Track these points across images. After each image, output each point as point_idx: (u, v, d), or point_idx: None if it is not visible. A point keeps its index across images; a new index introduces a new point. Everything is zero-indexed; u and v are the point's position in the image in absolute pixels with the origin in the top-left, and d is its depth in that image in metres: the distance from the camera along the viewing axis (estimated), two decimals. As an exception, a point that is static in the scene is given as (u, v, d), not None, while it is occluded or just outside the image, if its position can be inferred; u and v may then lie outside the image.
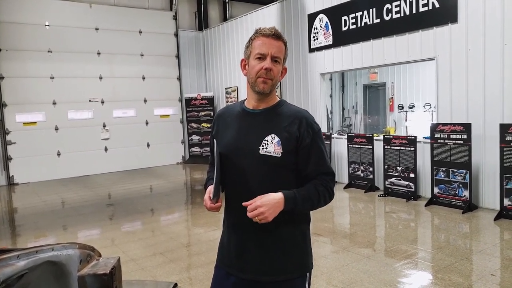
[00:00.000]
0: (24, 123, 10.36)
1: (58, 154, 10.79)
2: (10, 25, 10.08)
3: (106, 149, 11.51)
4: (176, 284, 3.91)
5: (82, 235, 5.87)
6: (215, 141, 1.85)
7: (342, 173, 8.60)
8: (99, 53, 11.33)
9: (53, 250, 1.73)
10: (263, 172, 1.72)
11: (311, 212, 1.88)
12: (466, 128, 6.09)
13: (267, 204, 1.61)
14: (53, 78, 10.67)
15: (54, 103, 10.72)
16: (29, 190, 9.44)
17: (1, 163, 10.10)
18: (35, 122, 10.52)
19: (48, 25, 10.61)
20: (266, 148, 1.72)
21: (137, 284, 3.88)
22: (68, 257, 1.78)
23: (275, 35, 1.73)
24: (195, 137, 12.66)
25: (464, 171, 6.12)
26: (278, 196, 1.64)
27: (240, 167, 1.74)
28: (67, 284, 1.80)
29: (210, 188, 1.77)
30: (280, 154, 1.71)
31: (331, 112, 12.49)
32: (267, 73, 1.72)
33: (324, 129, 9.19)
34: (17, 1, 10.16)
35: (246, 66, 1.80)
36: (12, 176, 10.20)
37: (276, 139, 1.72)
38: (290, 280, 1.77)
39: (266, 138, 1.73)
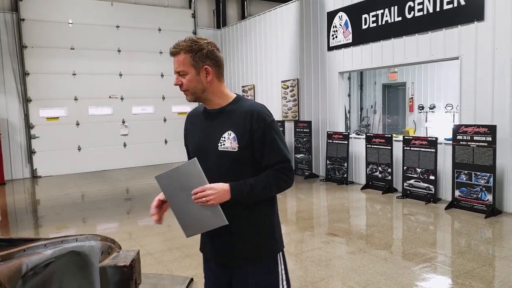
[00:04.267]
0: (47, 118, 10.61)
1: (79, 149, 11.00)
2: (35, 23, 10.34)
3: (125, 145, 11.68)
4: (192, 279, 3.95)
5: (100, 228, 5.97)
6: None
7: (359, 174, 8.51)
8: (119, 51, 11.50)
9: (77, 240, 1.77)
10: (224, 167, 1.84)
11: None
12: (491, 130, 5.92)
13: (214, 188, 1.74)
14: (75, 74, 10.89)
15: (76, 99, 10.93)
16: (51, 183, 9.66)
17: (25, 156, 10.37)
18: (58, 117, 10.76)
19: (71, 23, 10.82)
20: (224, 144, 1.84)
21: (154, 277, 3.93)
22: (90, 248, 1.82)
23: (172, 53, 1.87)
24: (213, 135, 12.71)
25: (488, 174, 5.96)
26: (225, 185, 1.77)
27: (205, 164, 1.81)
28: (89, 274, 1.83)
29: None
30: (237, 149, 1.82)
31: (349, 112, 12.38)
32: (180, 88, 1.90)
33: (341, 129, 9.11)
34: (42, 0, 10.41)
35: None
36: (36, 169, 10.46)
37: (232, 135, 1.83)
38: (261, 263, 1.89)
39: (223, 135, 1.85)
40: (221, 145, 1.84)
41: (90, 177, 10.30)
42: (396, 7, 7.53)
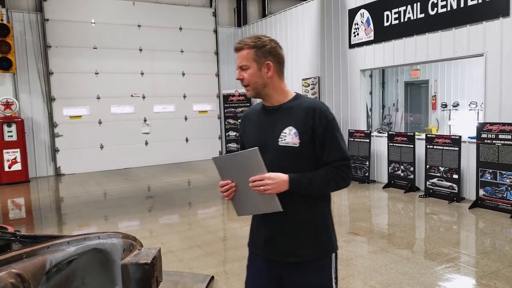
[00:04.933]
0: (71, 117, 10.83)
1: (101, 147, 11.21)
2: (59, 22, 10.56)
3: (146, 143, 11.83)
4: (213, 277, 3.98)
5: (122, 226, 6.08)
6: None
7: (381, 172, 8.40)
8: (141, 50, 11.64)
9: (99, 238, 1.80)
10: (284, 162, 1.84)
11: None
12: (516, 128, 5.78)
13: (273, 178, 1.76)
14: (97, 73, 11.08)
15: (98, 98, 11.13)
16: (74, 181, 9.87)
17: (49, 155, 10.63)
18: (81, 116, 10.97)
19: (94, 23, 11.02)
20: (285, 139, 1.85)
21: (175, 275, 3.97)
22: (112, 245, 1.85)
23: (236, 48, 1.92)
24: (232, 133, 12.77)
25: (513, 173, 5.82)
26: (284, 176, 1.79)
27: (264, 159, 1.82)
28: (111, 271, 1.86)
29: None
30: (298, 144, 1.83)
31: (371, 110, 12.22)
32: (241, 82, 1.92)
33: (363, 127, 9.01)
34: (66, 0, 10.61)
35: None
36: (59, 167, 10.70)
37: (294, 130, 1.84)
38: (314, 261, 1.88)
39: (284, 131, 1.86)
40: (281, 140, 1.85)
41: (112, 175, 10.48)
42: (419, 3, 7.38)
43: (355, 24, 8.81)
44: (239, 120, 11.37)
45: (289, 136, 1.84)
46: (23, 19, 10.20)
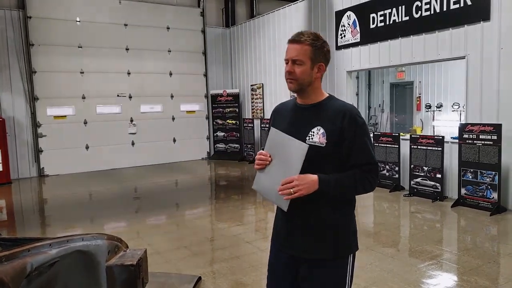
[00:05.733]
0: (55, 117, 10.66)
1: (87, 148, 11.09)
2: (42, 20, 10.37)
3: (133, 144, 11.75)
4: (200, 278, 3.98)
5: (108, 227, 6.03)
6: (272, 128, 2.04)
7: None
8: (127, 49, 11.55)
9: (83, 240, 1.80)
10: (309, 160, 1.85)
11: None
12: (497, 128, 5.92)
13: (303, 179, 1.80)
14: (82, 73, 10.95)
15: (84, 98, 11.00)
16: (59, 182, 9.75)
17: (32, 155, 10.46)
18: (65, 116, 10.81)
19: (79, 21, 10.88)
20: (312, 138, 1.88)
21: (162, 276, 3.96)
22: (97, 247, 1.85)
23: (294, 40, 1.92)
24: (220, 133, 12.77)
25: (493, 172, 5.95)
26: (314, 176, 1.82)
27: None
28: (96, 273, 1.86)
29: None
30: (325, 144, 1.86)
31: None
32: (290, 75, 1.92)
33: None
34: (50, -2, 10.47)
35: None
36: (43, 168, 10.54)
37: (322, 130, 1.88)
38: (332, 260, 1.93)
39: (312, 130, 1.90)
40: (309, 139, 1.88)
41: (98, 176, 10.38)
42: (403, 6, 7.50)
43: (341, 26, 8.89)
44: (228, 120, 11.37)
45: (317, 136, 1.87)
46: (5, 16, 9.94)
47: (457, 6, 6.59)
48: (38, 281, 1.62)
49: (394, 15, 7.70)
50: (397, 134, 7.79)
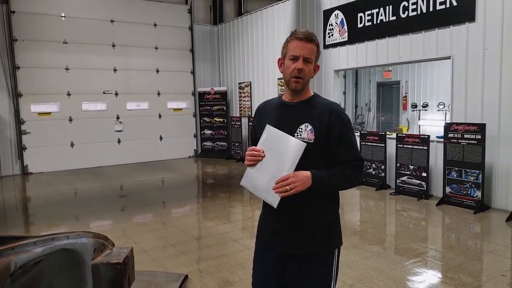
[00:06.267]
0: (39, 114, 10.49)
1: (72, 145, 10.94)
2: (26, 15, 10.19)
3: (119, 141, 11.63)
4: (186, 276, 3.96)
5: (94, 226, 5.97)
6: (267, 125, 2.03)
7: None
8: (114, 45, 11.42)
9: (68, 238, 1.77)
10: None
11: None
12: (481, 128, 6.01)
13: (297, 176, 1.83)
14: (68, 69, 10.79)
15: (69, 94, 10.85)
16: (43, 180, 9.59)
17: (15, 153, 10.27)
18: (50, 113, 10.65)
19: (64, 16, 10.71)
20: (300, 135, 1.92)
21: (148, 274, 3.93)
22: (82, 245, 1.82)
23: (307, 38, 1.93)
24: (208, 131, 12.72)
25: (477, 171, 6.05)
26: (307, 173, 1.86)
27: None
28: (81, 272, 1.84)
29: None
30: (313, 140, 1.90)
31: (344, 109, 12.40)
32: (299, 73, 1.92)
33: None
34: (35, -7, 10.29)
35: (282, 65, 2.01)
36: (26, 165, 10.36)
37: (310, 127, 1.92)
38: (319, 255, 1.97)
39: (300, 126, 1.93)
40: (297, 135, 1.91)
41: (83, 174, 10.25)
42: (391, 6, 7.56)
43: (329, 25, 8.93)
44: (215, 118, 11.31)
45: (305, 132, 1.91)
46: (-13, 11, 9.77)
47: (443, 7, 6.67)
48: (22, 280, 1.59)
49: (381, 15, 7.76)
50: (383, 133, 7.86)
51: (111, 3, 11.31)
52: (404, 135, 7.50)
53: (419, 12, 7.07)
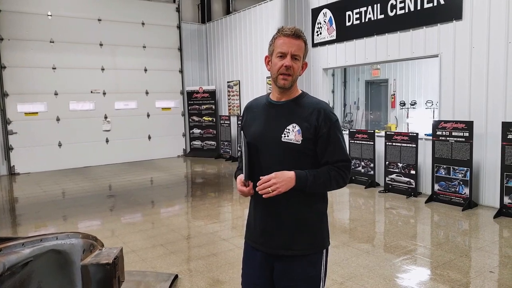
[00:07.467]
0: (26, 113, 10.35)
1: (59, 145, 10.81)
2: (12, 14, 10.04)
3: (107, 141, 11.52)
4: (176, 276, 3.94)
5: (82, 226, 5.90)
6: (242, 132, 2.04)
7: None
8: (101, 44, 11.31)
9: (57, 239, 1.74)
10: (285, 157, 1.90)
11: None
12: (468, 126, 6.09)
13: (280, 177, 1.81)
14: (55, 68, 10.66)
15: (56, 94, 10.71)
16: (30, 180, 9.46)
17: (2, 153, 10.11)
18: (37, 113, 10.51)
19: (51, 15, 10.57)
20: (288, 136, 1.89)
21: (138, 275, 3.90)
22: (71, 246, 1.80)
23: (295, 35, 1.90)
24: (196, 131, 12.67)
25: (465, 168, 6.13)
26: (291, 173, 1.84)
27: (265, 153, 1.92)
28: (71, 272, 1.81)
29: (241, 177, 1.97)
30: (300, 142, 1.88)
31: (333, 108, 12.48)
32: (288, 70, 1.89)
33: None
34: (20, -9, 10.13)
35: (270, 62, 1.99)
36: (13, 166, 10.22)
37: (297, 128, 1.89)
38: (307, 255, 1.94)
39: (288, 127, 1.90)
40: (284, 136, 1.89)
41: (71, 173, 10.13)
42: (379, 4, 7.61)
43: (318, 24, 8.95)
44: (204, 117, 11.28)
45: (292, 133, 1.88)
46: (-27, 10, 9.62)
47: (430, 5, 6.73)
48: (10, 282, 1.56)
49: (369, 13, 7.81)
50: (372, 131, 7.91)
51: (98, 2, 11.20)
52: (392, 133, 7.55)
53: (407, 11, 7.13)
